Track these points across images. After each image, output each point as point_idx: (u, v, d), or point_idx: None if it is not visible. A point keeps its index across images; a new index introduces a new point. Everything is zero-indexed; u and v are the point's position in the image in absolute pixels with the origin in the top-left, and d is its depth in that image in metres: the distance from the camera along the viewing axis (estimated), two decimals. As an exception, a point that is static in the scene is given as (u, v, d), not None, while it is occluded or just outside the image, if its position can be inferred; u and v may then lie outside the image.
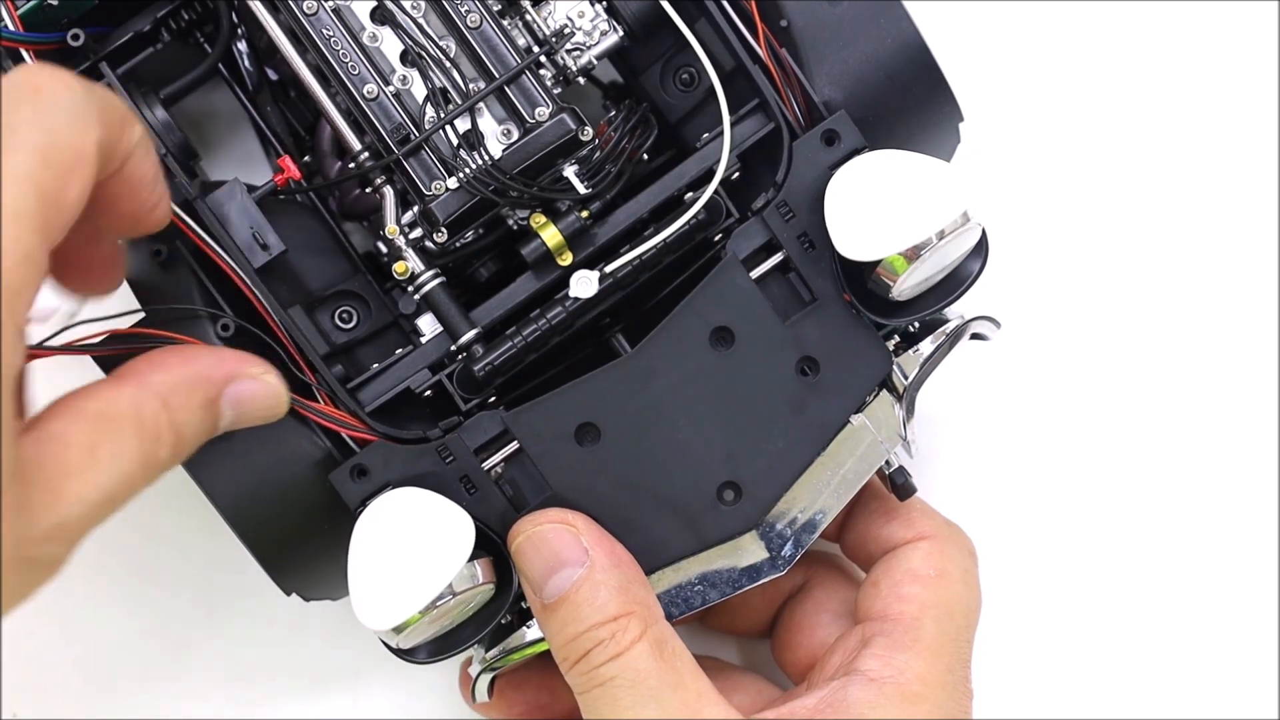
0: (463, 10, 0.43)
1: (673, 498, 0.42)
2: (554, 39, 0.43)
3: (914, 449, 0.44)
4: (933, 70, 0.44)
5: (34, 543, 0.32)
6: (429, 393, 0.42)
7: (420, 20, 0.43)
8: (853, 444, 0.43)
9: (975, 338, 0.44)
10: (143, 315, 0.42)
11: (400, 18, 0.43)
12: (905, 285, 0.41)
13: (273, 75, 0.47)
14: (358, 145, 0.43)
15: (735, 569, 0.42)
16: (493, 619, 0.41)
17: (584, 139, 0.42)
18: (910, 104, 0.44)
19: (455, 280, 0.44)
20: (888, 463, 0.44)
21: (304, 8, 0.42)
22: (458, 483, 0.41)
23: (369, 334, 0.44)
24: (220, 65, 0.46)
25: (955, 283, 0.42)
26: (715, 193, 0.42)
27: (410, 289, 0.43)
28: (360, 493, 0.40)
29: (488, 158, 0.42)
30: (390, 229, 0.43)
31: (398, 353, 0.43)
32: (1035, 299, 0.55)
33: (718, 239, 0.44)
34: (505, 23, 0.43)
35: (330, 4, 0.42)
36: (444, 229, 0.42)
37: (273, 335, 0.42)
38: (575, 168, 0.42)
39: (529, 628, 0.42)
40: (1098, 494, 0.55)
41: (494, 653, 0.43)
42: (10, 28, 0.41)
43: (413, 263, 0.43)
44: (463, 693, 0.48)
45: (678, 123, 0.46)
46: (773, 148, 0.43)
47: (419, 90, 0.43)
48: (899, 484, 0.44)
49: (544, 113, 0.42)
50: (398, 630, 0.39)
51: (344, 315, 0.44)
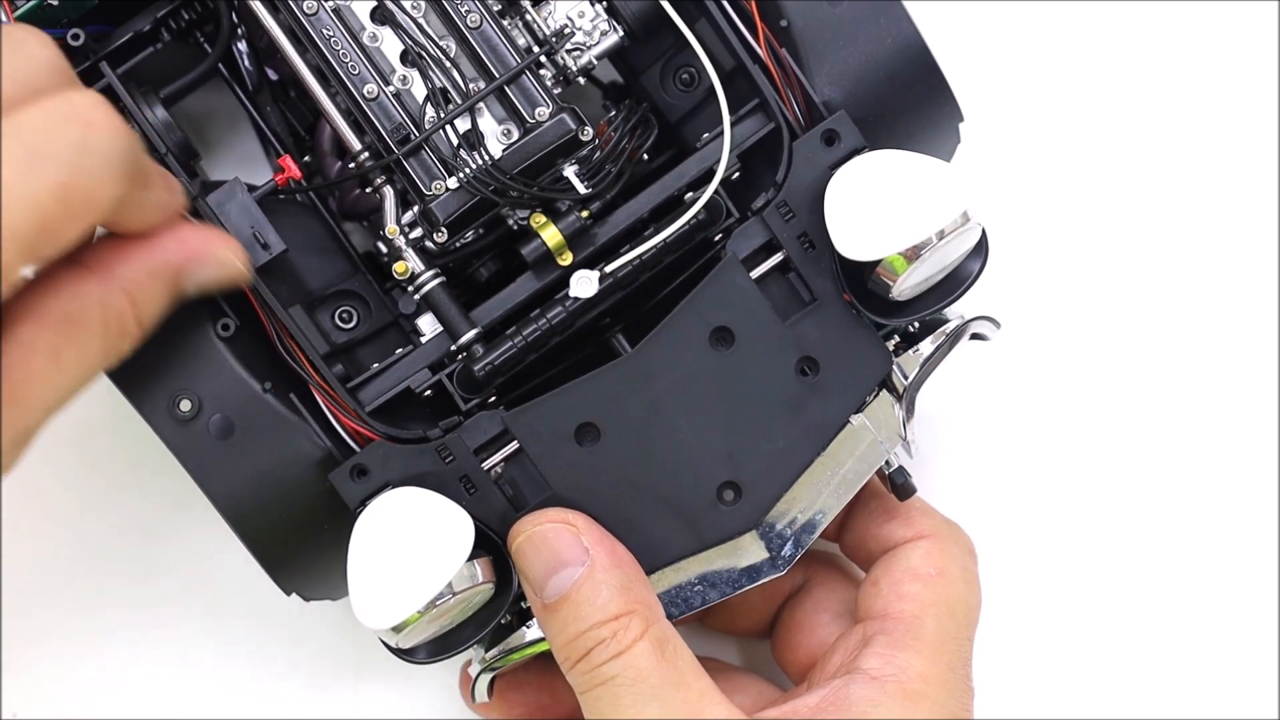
0: (463, 10, 0.43)
1: (672, 498, 0.42)
2: (554, 39, 0.43)
3: (914, 449, 0.44)
4: (933, 70, 0.44)
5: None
6: (429, 393, 0.42)
7: (420, 20, 0.43)
8: (853, 444, 0.43)
9: (975, 338, 0.44)
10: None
11: (400, 18, 0.43)
12: (905, 285, 0.41)
13: (273, 75, 0.47)
14: (358, 145, 0.43)
15: (735, 569, 0.42)
16: (492, 619, 0.41)
17: (584, 139, 0.42)
18: (910, 104, 0.44)
19: (455, 280, 0.44)
20: (887, 463, 0.44)
21: (304, 8, 0.42)
22: (457, 482, 0.41)
23: (369, 334, 0.44)
24: (220, 65, 0.46)
25: (955, 283, 0.42)
26: (715, 193, 0.42)
27: (410, 289, 0.43)
28: (360, 492, 0.40)
29: (488, 158, 0.42)
30: (390, 229, 0.43)
31: (398, 352, 0.43)
32: (1035, 299, 0.55)
33: (718, 239, 0.44)
34: (505, 23, 0.43)
35: (330, 4, 0.42)
36: (444, 229, 0.42)
37: (278, 333, 0.41)
38: (575, 168, 0.42)
39: (529, 628, 0.42)
40: (1098, 494, 0.55)
41: (494, 653, 0.43)
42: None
43: (413, 263, 0.43)
44: (463, 693, 0.48)
45: (678, 123, 0.46)
46: (773, 148, 0.43)
47: (419, 90, 0.43)
48: (899, 484, 0.44)
49: (544, 113, 0.42)
50: (397, 630, 0.39)
51: (344, 315, 0.44)
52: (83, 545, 0.53)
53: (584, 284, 0.41)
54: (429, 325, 0.43)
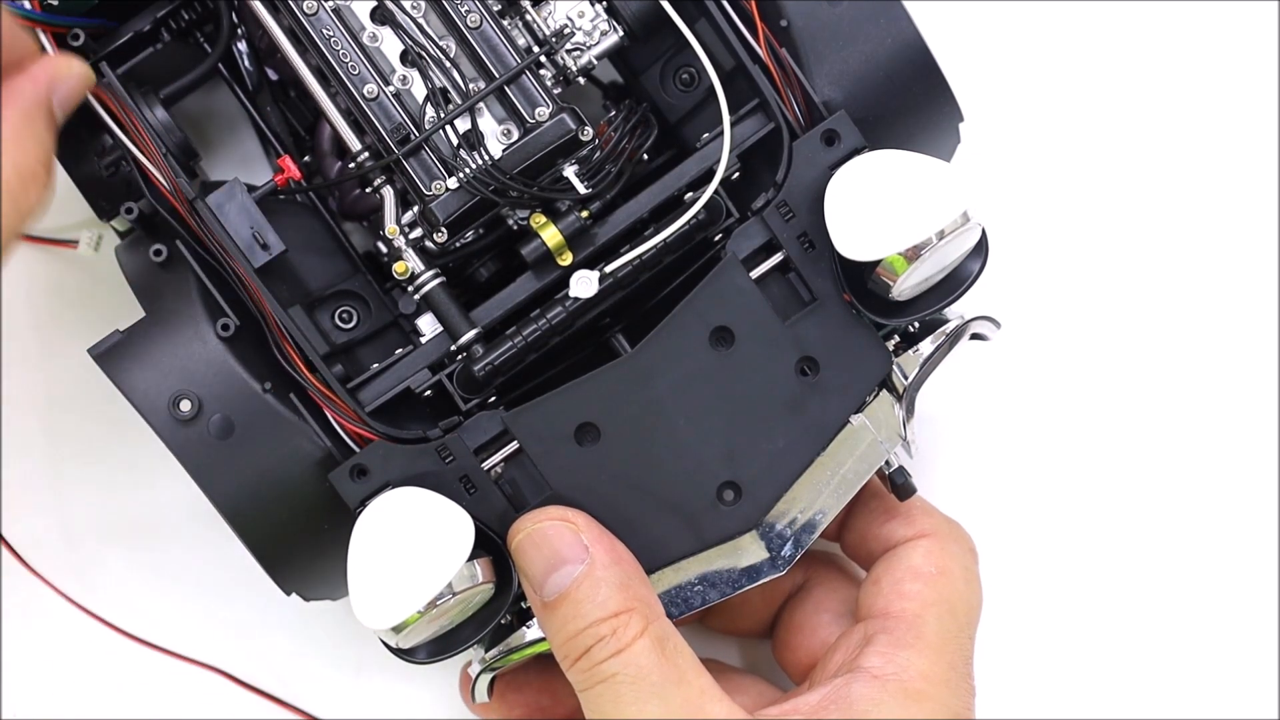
0: (463, 10, 0.43)
1: (672, 498, 0.42)
2: (554, 39, 0.43)
3: (914, 449, 0.44)
4: (932, 70, 0.44)
5: None
6: (429, 393, 0.42)
7: (420, 20, 0.43)
8: (853, 444, 0.43)
9: (975, 338, 0.44)
10: (144, 315, 0.42)
11: (400, 18, 0.43)
12: (905, 285, 0.41)
13: (273, 75, 0.47)
14: (358, 145, 0.43)
15: (735, 569, 0.42)
16: (492, 619, 0.41)
17: (584, 139, 0.42)
18: (910, 104, 0.44)
19: (455, 280, 0.44)
20: (887, 463, 0.44)
21: (304, 8, 0.42)
22: (457, 482, 0.41)
23: (369, 334, 0.44)
24: (220, 65, 0.46)
25: (955, 283, 0.42)
26: (715, 193, 0.42)
27: (410, 289, 0.43)
28: (360, 492, 0.40)
29: (488, 158, 0.42)
30: (390, 229, 0.43)
31: (398, 353, 0.43)
32: (1035, 299, 0.55)
33: (718, 239, 0.44)
34: (505, 23, 0.43)
35: (330, 4, 0.42)
36: (444, 229, 0.42)
37: (273, 335, 0.41)
38: (575, 168, 0.42)
39: (529, 628, 0.42)
40: (1098, 493, 0.55)
41: (494, 653, 0.43)
42: (27, 5, 0.41)
43: (413, 263, 0.43)
44: (462, 694, 0.48)
45: (678, 123, 0.46)
46: (773, 148, 0.43)
47: (419, 90, 0.43)
48: (899, 484, 0.44)
49: (544, 113, 0.42)
50: (397, 630, 0.39)
51: (344, 315, 0.44)
52: (83, 545, 0.53)
53: (584, 284, 0.41)
54: (429, 325, 0.43)
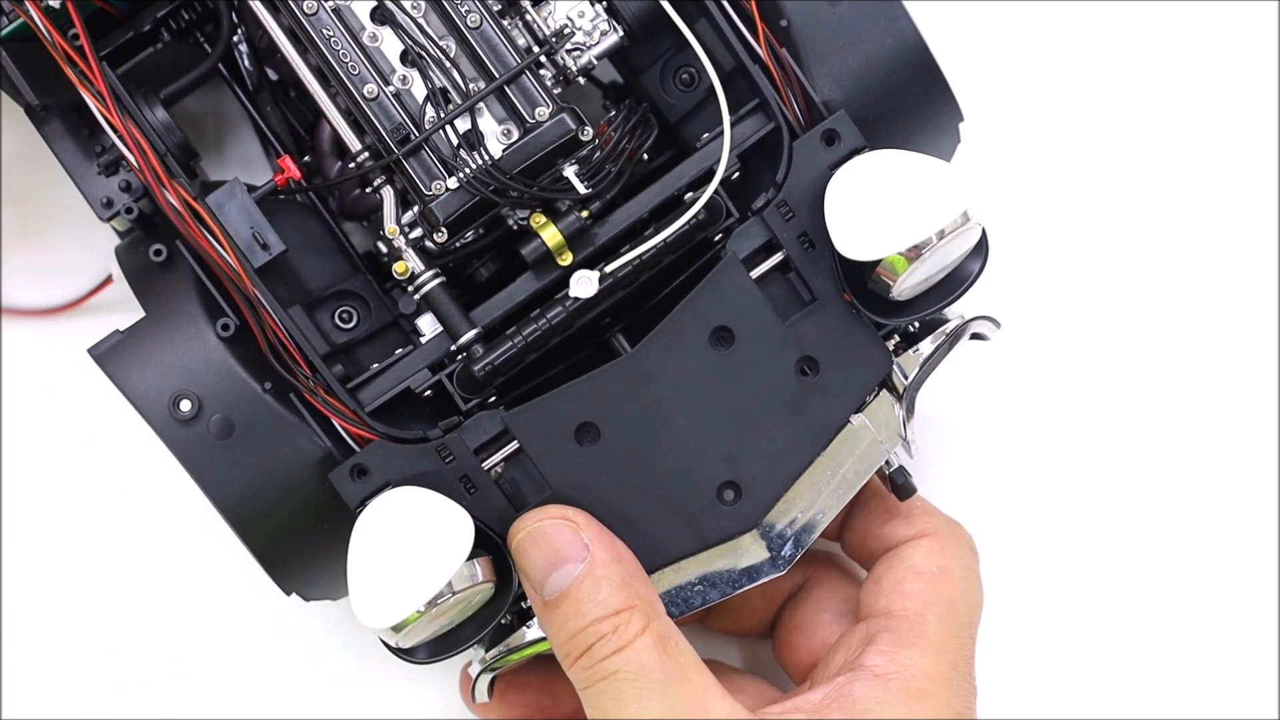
0: (463, 10, 0.43)
1: (672, 498, 0.42)
2: (554, 39, 0.43)
3: (914, 449, 0.44)
4: (932, 70, 0.44)
5: None
6: (429, 393, 0.42)
7: (420, 20, 0.43)
8: (853, 444, 0.43)
9: (975, 338, 0.44)
10: (144, 315, 0.42)
11: (400, 18, 0.43)
12: (905, 285, 0.41)
13: (273, 75, 0.47)
14: (358, 145, 0.43)
15: (735, 569, 0.42)
16: (492, 619, 0.41)
17: (584, 139, 0.42)
18: (910, 104, 0.44)
19: (455, 280, 0.44)
20: (888, 463, 0.44)
21: (304, 8, 0.42)
22: (458, 482, 0.41)
23: (369, 334, 0.44)
24: (220, 65, 0.46)
25: (955, 283, 0.42)
26: (715, 193, 0.42)
27: (410, 289, 0.43)
28: (360, 492, 0.40)
29: (488, 158, 0.42)
30: (390, 229, 0.43)
31: (398, 353, 0.43)
32: (1035, 299, 0.55)
33: (718, 239, 0.44)
34: (505, 23, 0.43)
35: (330, 4, 0.42)
36: (444, 229, 0.42)
37: (273, 335, 0.41)
38: (575, 168, 0.42)
39: (529, 628, 0.42)
40: (1098, 493, 0.55)
41: (494, 653, 0.43)
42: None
43: (413, 263, 0.43)
44: (463, 694, 0.48)
45: (678, 123, 0.46)
46: (773, 148, 0.43)
47: (419, 90, 0.43)
48: (899, 484, 0.44)
49: (544, 113, 0.42)
50: (397, 629, 0.39)
51: (344, 315, 0.44)
52: (82, 545, 0.53)
53: (584, 284, 0.41)
54: (429, 325, 0.43)
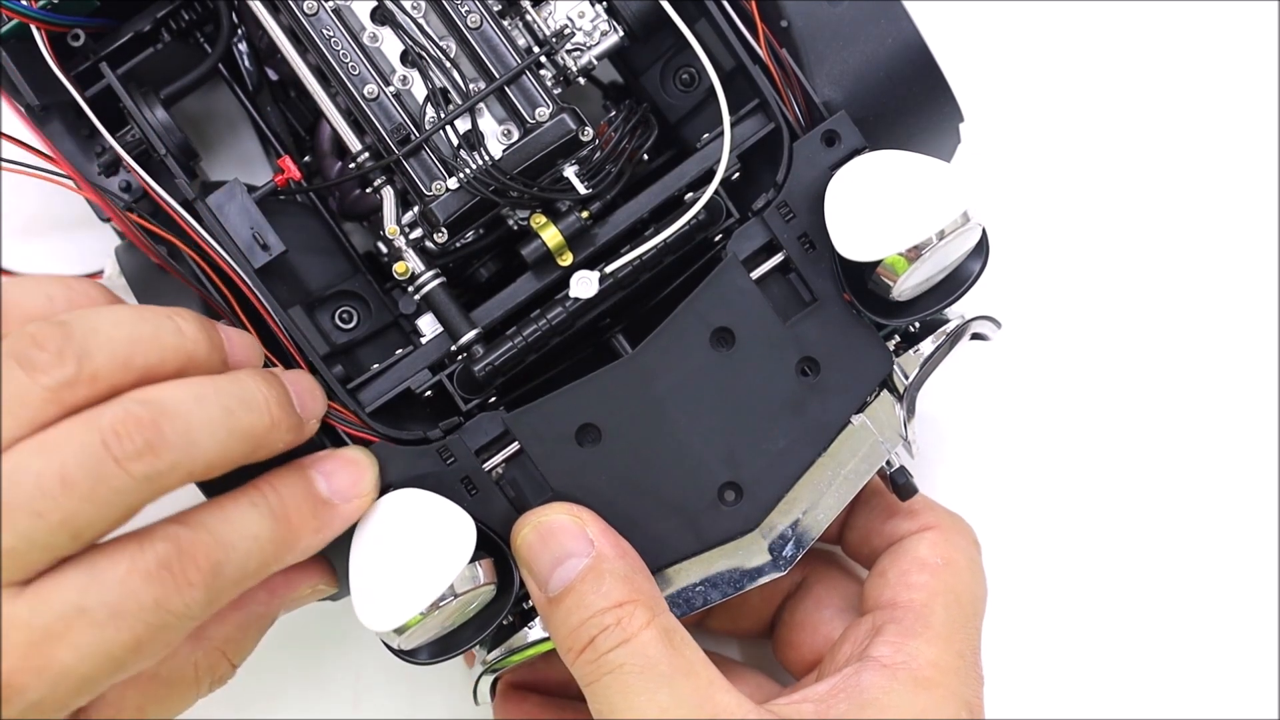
0: (463, 10, 0.42)
1: (674, 498, 0.42)
2: (554, 39, 0.43)
3: (915, 449, 0.44)
4: (933, 70, 0.44)
5: None
6: (429, 393, 0.42)
7: (420, 20, 0.43)
8: (854, 444, 0.43)
9: (976, 338, 0.44)
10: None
11: (400, 18, 0.43)
12: (905, 286, 0.41)
13: (273, 75, 0.47)
14: (358, 145, 0.43)
15: (736, 569, 0.42)
16: (494, 620, 0.41)
17: (584, 139, 0.42)
18: (910, 104, 0.44)
19: (455, 280, 0.44)
20: (889, 463, 0.44)
21: (304, 8, 0.42)
22: (459, 483, 0.41)
23: (369, 334, 0.44)
24: (220, 65, 0.46)
25: (956, 283, 0.42)
26: (715, 193, 0.42)
27: (410, 289, 0.43)
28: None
29: (488, 158, 0.42)
30: (390, 229, 0.43)
31: (398, 353, 0.43)
32: (1036, 299, 0.55)
33: (718, 239, 0.44)
34: (505, 23, 0.43)
35: (330, 4, 0.42)
36: (444, 229, 0.42)
37: (273, 335, 0.41)
38: (575, 168, 0.42)
39: (530, 629, 0.42)
40: (1099, 493, 0.55)
41: (496, 654, 0.43)
42: (24, 2, 0.41)
43: (413, 263, 0.43)
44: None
45: (678, 123, 0.46)
46: (773, 148, 0.43)
47: (419, 90, 0.43)
48: (900, 484, 0.44)
49: (544, 113, 0.42)
50: (399, 631, 0.39)
51: (344, 315, 0.44)
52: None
53: (584, 284, 0.41)
54: (429, 325, 0.43)
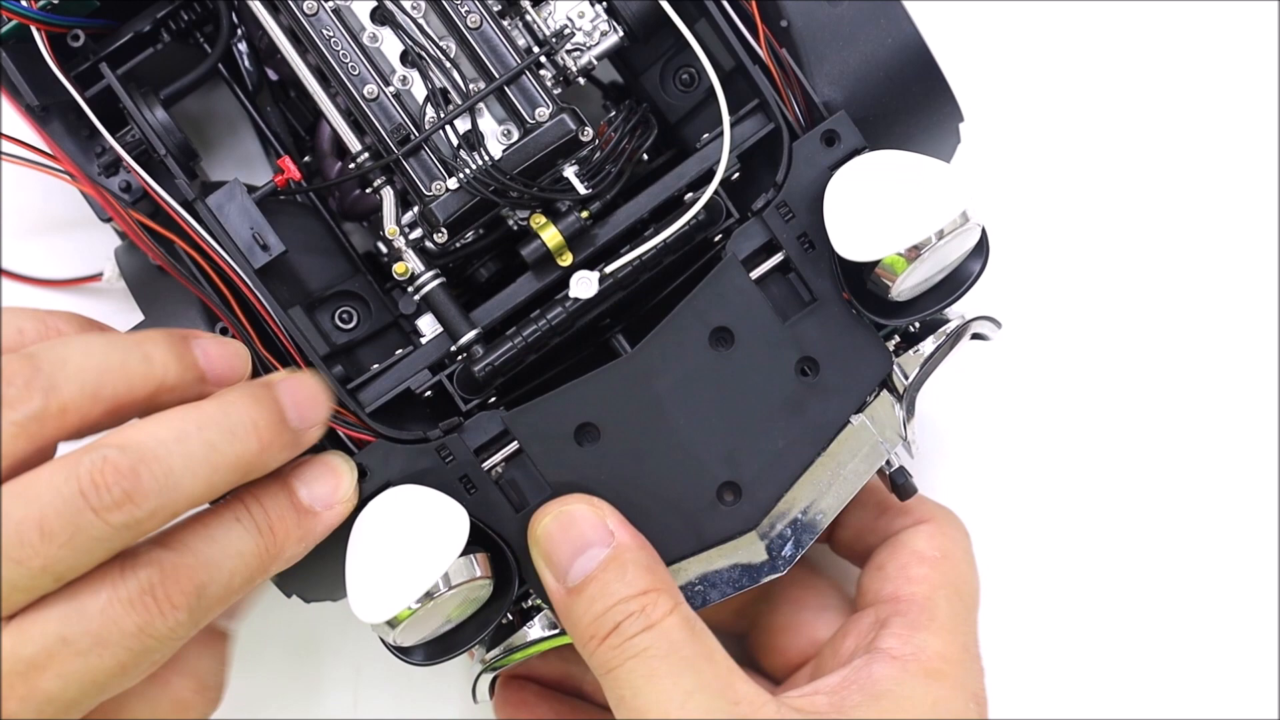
0: (463, 10, 0.43)
1: (673, 498, 0.42)
2: (554, 39, 0.43)
3: (914, 449, 0.44)
4: (932, 70, 0.44)
5: None
6: (429, 393, 0.42)
7: (420, 20, 0.43)
8: (853, 444, 0.43)
9: (976, 338, 0.44)
10: (143, 318, 0.42)
11: (400, 18, 0.43)
12: (905, 285, 0.41)
13: (273, 75, 0.47)
14: (358, 145, 0.43)
15: (735, 569, 0.42)
16: (493, 619, 0.41)
17: (584, 139, 0.42)
18: (910, 104, 0.44)
19: (455, 281, 0.44)
20: (888, 463, 0.44)
21: (304, 8, 0.42)
22: (458, 482, 0.41)
23: (369, 334, 0.44)
24: (220, 65, 0.46)
25: (956, 283, 0.42)
26: (715, 193, 0.42)
27: (410, 289, 0.43)
28: (360, 492, 0.40)
29: (488, 158, 0.42)
30: (390, 229, 0.43)
31: (398, 353, 0.43)
32: (1036, 299, 0.55)
33: (717, 239, 0.44)
34: (505, 23, 0.43)
35: (330, 4, 0.42)
36: (444, 229, 0.42)
37: (273, 336, 0.41)
38: (575, 168, 0.42)
39: (530, 627, 0.42)
40: (1099, 493, 0.55)
41: (495, 653, 0.43)
42: (24, 3, 0.41)
43: (413, 263, 0.43)
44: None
45: (678, 123, 0.46)
46: (773, 148, 0.43)
47: (419, 90, 0.43)
48: (899, 484, 0.45)
49: (544, 113, 0.42)
50: (393, 624, 0.39)
51: (344, 315, 0.44)
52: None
53: (584, 285, 0.41)
54: (429, 326, 0.43)
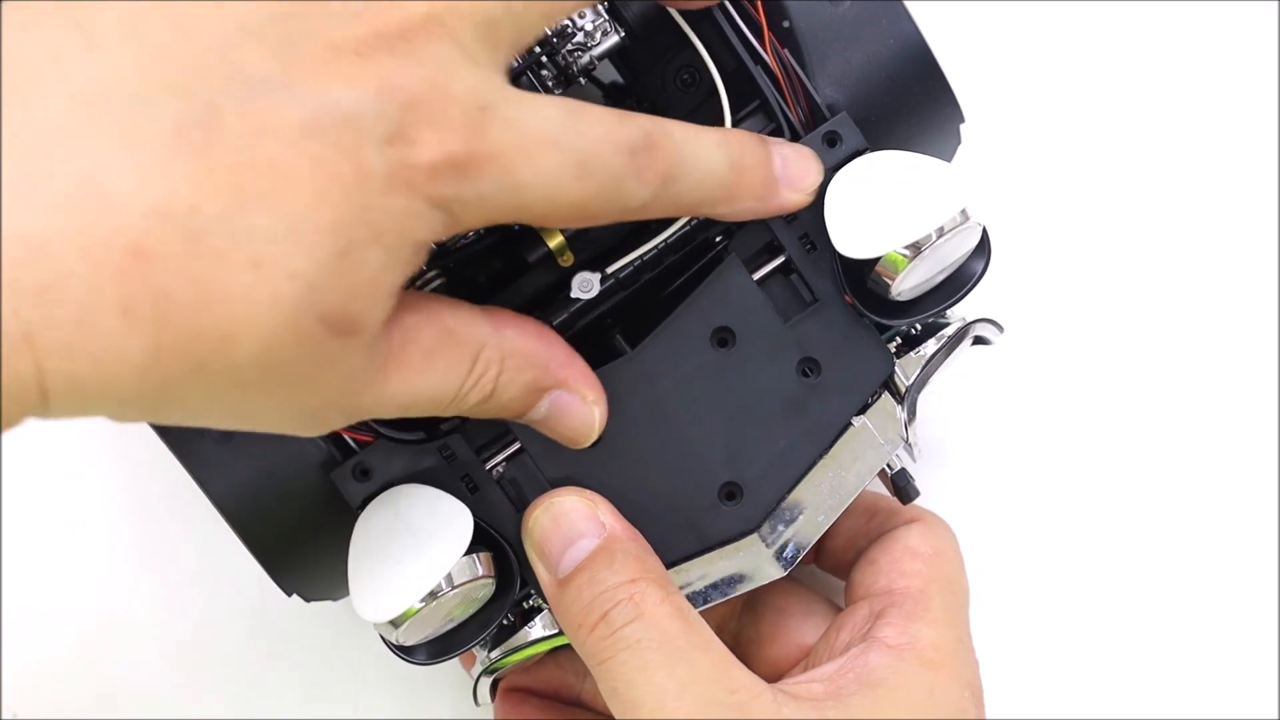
0: (464, 10, 0.42)
1: (674, 498, 0.42)
2: (555, 39, 0.43)
3: (916, 451, 0.44)
4: (934, 71, 0.44)
5: (336, 407, 0.32)
6: (430, 393, 0.42)
7: (422, 20, 0.43)
8: (855, 446, 0.43)
9: (978, 341, 0.44)
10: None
11: (402, 18, 0.43)
12: (905, 285, 0.41)
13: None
14: (359, 145, 0.43)
15: (736, 570, 0.42)
16: (494, 619, 0.41)
17: (585, 139, 0.42)
18: (911, 105, 0.44)
19: (456, 281, 0.44)
20: (889, 465, 0.44)
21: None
22: (459, 482, 0.41)
23: (370, 334, 0.44)
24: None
25: (958, 284, 0.42)
26: (717, 193, 0.42)
27: (411, 289, 0.43)
28: (362, 492, 0.40)
29: (489, 158, 0.42)
30: (391, 229, 0.43)
31: (399, 353, 0.43)
32: (1037, 302, 0.55)
33: (719, 240, 0.44)
34: (507, 23, 0.43)
35: (332, 4, 0.42)
36: (445, 229, 0.42)
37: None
38: (577, 168, 0.42)
39: (531, 628, 0.42)
40: (1100, 496, 0.55)
41: (496, 653, 0.43)
42: None
43: (414, 263, 0.43)
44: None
45: (679, 123, 0.46)
46: (774, 149, 0.43)
47: (420, 90, 0.43)
48: (901, 486, 0.45)
49: (545, 113, 0.42)
50: (396, 624, 0.39)
51: (345, 315, 0.44)
52: (83, 545, 0.53)
53: (585, 285, 0.41)
54: (430, 326, 0.43)
